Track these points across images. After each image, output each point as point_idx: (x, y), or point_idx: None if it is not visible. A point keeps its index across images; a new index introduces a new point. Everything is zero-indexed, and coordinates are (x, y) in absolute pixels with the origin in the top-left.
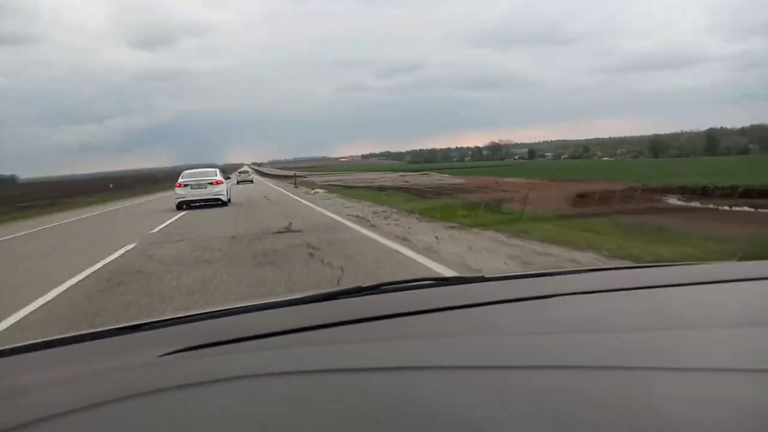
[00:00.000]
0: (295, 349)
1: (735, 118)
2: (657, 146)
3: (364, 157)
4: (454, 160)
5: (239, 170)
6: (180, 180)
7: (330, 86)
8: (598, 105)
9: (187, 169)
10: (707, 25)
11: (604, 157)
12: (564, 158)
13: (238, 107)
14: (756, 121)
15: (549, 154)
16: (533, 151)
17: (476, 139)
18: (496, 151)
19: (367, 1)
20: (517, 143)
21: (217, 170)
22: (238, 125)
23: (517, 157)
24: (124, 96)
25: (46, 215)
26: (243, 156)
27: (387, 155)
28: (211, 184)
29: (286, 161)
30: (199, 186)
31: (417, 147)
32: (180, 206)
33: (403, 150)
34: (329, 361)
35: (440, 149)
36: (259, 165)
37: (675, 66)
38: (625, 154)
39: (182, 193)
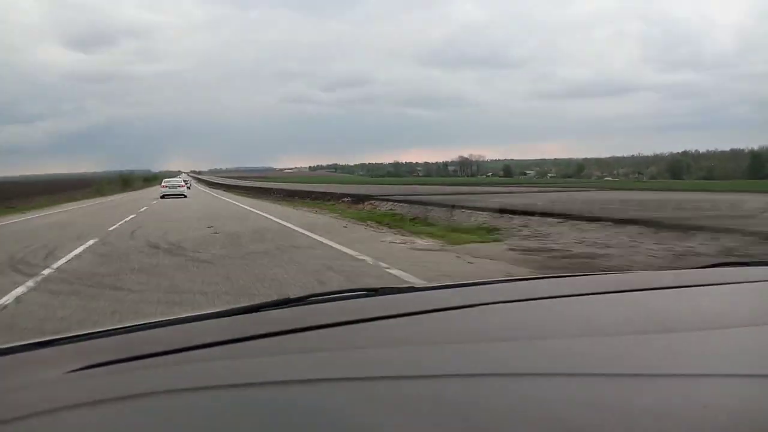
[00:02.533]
0: (214, 362)
1: (663, 145)
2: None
3: (311, 168)
4: (420, 174)
5: (165, 179)
6: (163, 182)
7: (274, 97)
8: (540, 128)
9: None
10: (640, 57)
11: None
12: (551, 176)
13: (177, 114)
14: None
15: (531, 172)
16: (509, 168)
17: (420, 156)
18: (465, 167)
19: (311, 14)
20: (487, 159)
21: (183, 177)
22: (176, 132)
23: (490, 173)
24: (56, 97)
25: None
26: (181, 164)
27: (335, 168)
28: (179, 186)
29: (228, 170)
30: (173, 186)
31: (366, 161)
32: (162, 196)
33: (351, 163)
34: (250, 375)
35: (407, 163)
36: (199, 173)
37: (610, 93)
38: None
39: (163, 190)
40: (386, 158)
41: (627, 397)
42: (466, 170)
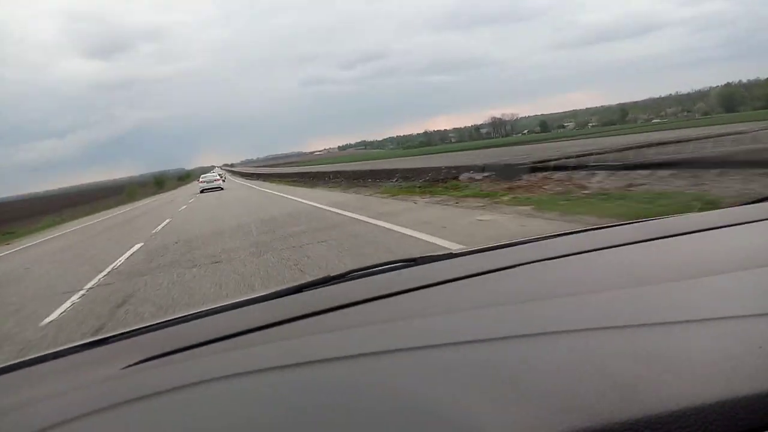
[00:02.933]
0: (263, 346)
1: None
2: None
3: (340, 148)
4: (453, 141)
5: (202, 175)
6: (201, 178)
7: (294, 81)
8: (566, 79)
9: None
10: None
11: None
12: (592, 126)
13: (202, 110)
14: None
15: (570, 124)
16: (546, 123)
17: (448, 122)
18: (499, 127)
19: None
20: (520, 117)
21: (217, 172)
22: (205, 128)
23: (525, 131)
24: (84, 108)
25: None
26: (213, 158)
27: (364, 144)
28: (216, 180)
29: (259, 160)
30: (210, 181)
31: (394, 134)
32: (201, 191)
33: (379, 138)
34: (297, 355)
35: (436, 131)
36: (231, 166)
37: (636, 34)
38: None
39: (202, 185)
40: (414, 129)
41: (678, 345)
42: (500, 131)
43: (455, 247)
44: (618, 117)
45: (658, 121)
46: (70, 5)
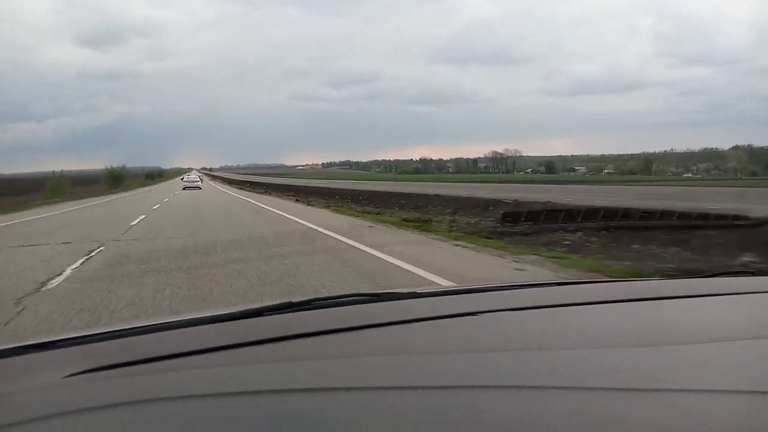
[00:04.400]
0: (214, 369)
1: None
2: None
3: (324, 165)
4: (450, 171)
5: (185, 175)
6: (184, 177)
7: (283, 94)
8: (548, 124)
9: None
10: (652, 53)
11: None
12: (607, 172)
13: (187, 111)
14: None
15: (581, 168)
16: (552, 164)
17: (432, 152)
18: (499, 162)
19: (318, 11)
20: (522, 155)
21: (197, 173)
22: (187, 129)
23: (530, 170)
24: (67, 95)
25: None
26: (192, 161)
27: (349, 164)
28: (196, 180)
29: (239, 167)
30: (191, 181)
31: (378, 157)
32: (184, 188)
33: (364, 160)
34: (250, 383)
35: (435, 159)
36: (210, 170)
37: (619, 90)
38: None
39: (185, 183)
40: (397, 155)
41: (625, 413)
42: (500, 166)
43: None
44: (640, 167)
45: (690, 175)
46: None
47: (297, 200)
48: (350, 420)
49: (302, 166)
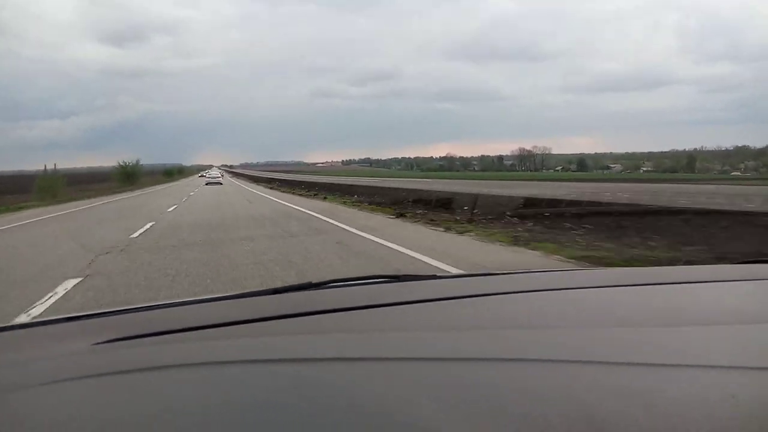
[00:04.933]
0: (236, 340)
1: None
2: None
3: (344, 162)
4: (475, 169)
5: (208, 171)
6: (207, 173)
7: (304, 91)
8: (570, 122)
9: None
10: (678, 48)
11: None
12: (645, 170)
13: (208, 109)
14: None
15: (616, 166)
16: (584, 161)
17: (452, 150)
18: (526, 160)
19: (339, 9)
20: (551, 152)
21: (217, 169)
22: (208, 127)
23: (559, 168)
24: (91, 92)
25: None
26: (213, 158)
27: (369, 162)
28: (217, 177)
29: (259, 164)
30: (213, 177)
31: (398, 155)
32: (206, 183)
33: (383, 157)
34: (269, 352)
35: (459, 157)
36: (230, 167)
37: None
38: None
39: (207, 179)
40: (417, 152)
41: (654, 386)
42: (527, 164)
43: None
44: (681, 164)
45: (738, 174)
46: None
47: (399, 215)
48: (368, 387)
49: (322, 163)
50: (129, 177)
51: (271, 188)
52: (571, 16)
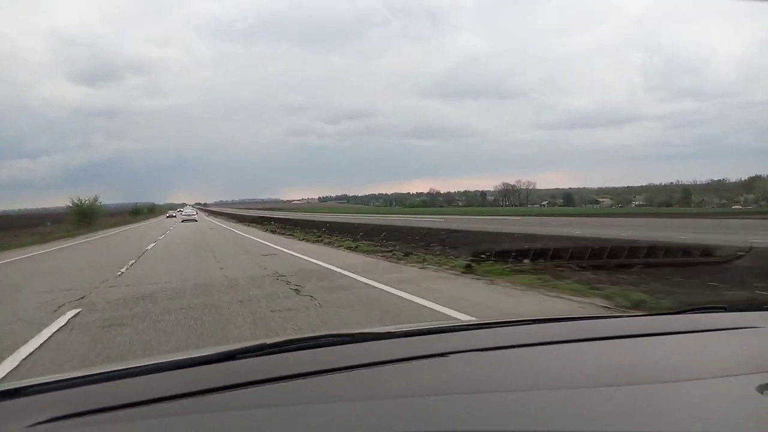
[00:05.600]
0: (184, 417)
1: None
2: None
3: (321, 199)
4: (459, 204)
5: (171, 210)
6: (183, 211)
7: (279, 129)
8: (541, 157)
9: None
10: (642, 86)
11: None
12: (638, 204)
13: (181, 147)
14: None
15: (605, 200)
16: (571, 196)
17: (423, 186)
18: (509, 195)
19: (312, 48)
20: (537, 187)
21: (190, 208)
22: (182, 165)
23: (545, 203)
24: (62, 132)
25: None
26: (186, 196)
27: (346, 198)
28: (193, 214)
29: (234, 202)
30: (188, 215)
31: (375, 191)
32: (183, 221)
33: (360, 194)
34: (223, 429)
35: (443, 193)
36: (205, 205)
37: (613, 123)
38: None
39: (183, 217)
40: (393, 188)
41: None
42: (511, 199)
43: None
44: (676, 197)
45: (739, 207)
46: (63, 27)
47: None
48: None
49: (298, 200)
50: (84, 217)
51: (266, 230)
52: (539, 56)
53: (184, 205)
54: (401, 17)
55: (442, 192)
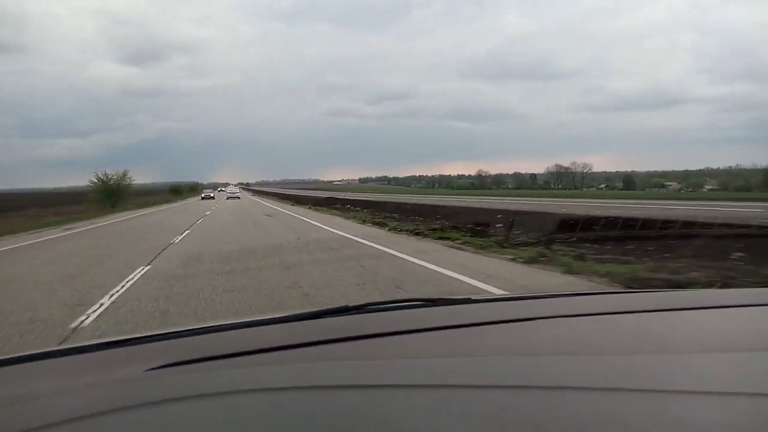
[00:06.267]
0: (279, 366)
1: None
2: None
3: (361, 180)
4: (509, 187)
5: (229, 187)
6: (226, 189)
7: (319, 110)
8: (586, 140)
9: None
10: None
11: None
12: (710, 189)
13: (224, 127)
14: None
15: (672, 184)
16: (631, 179)
17: (465, 169)
18: (562, 177)
19: (354, 29)
20: (594, 170)
21: (235, 186)
22: (224, 145)
23: (603, 186)
24: (110, 111)
25: None
26: (229, 176)
27: (386, 180)
28: (236, 192)
29: (275, 182)
30: (232, 192)
31: (415, 173)
32: (228, 198)
33: (400, 175)
34: (311, 379)
35: (492, 174)
36: (247, 185)
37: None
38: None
39: (227, 194)
40: (432, 171)
41: (691, 415)
42: (564, 182)
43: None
44: (758, 181)
45: None
46: (113, 6)
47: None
48: (406, 414)
49: (338, 181)
50: (110, 196)
51: (358, 221)
52: (587, 35)
53: (227, 184)
54: None
55: (491, 173)
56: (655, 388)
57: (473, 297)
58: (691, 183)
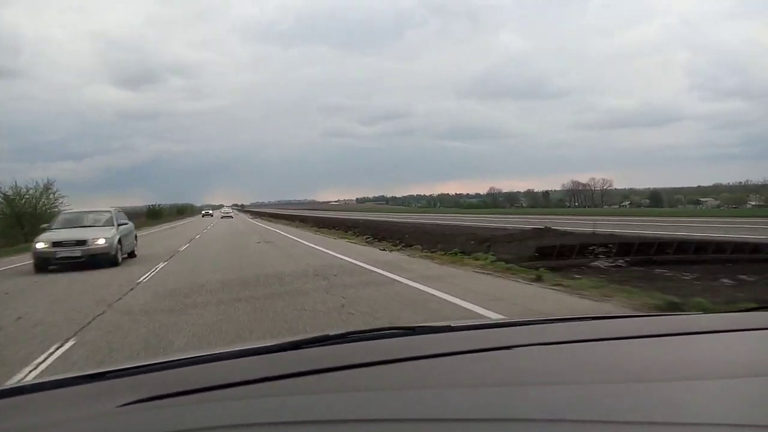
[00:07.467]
0: (257, 400)
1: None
2: None
3: (358, 200)
4: (523, 205)
5: (223, 208)
6: (221, 210)
7: (315, 130)
8: (581, 158)
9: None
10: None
11: None
12: (755, 204)
13: (220, 149)
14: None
15: (708, 199)
16: (659, 195)
17: (460, 188)
18: (579, 195)
19: (350, 50)
20: (609, 187)
21: (230, 208)
22: (219, 167)
23: (627, 203)
24: (105, 134)
25: None
26: (224, 197)
27: (384, 199)
28: (229, 213)
29: (270, 203)
30: (226, 213)
31: (412, 192)
32: (222, 217)
33: (398, 195)
34: (290, 413)
35: (504, 192)
36: (242, 206)
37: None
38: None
39: (220, 214)
40: (428, 190)
41: None
42: (580, 199)
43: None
44: None
45: None
46: (108, 30)
47: None
48: None
49: (335, 201)
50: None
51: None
52: (580, 55)
53: (221, 206)
54: (440, 17)
55: (503, 191)
56: (640, 419)
57: (453, 324)
58: (731, 199)
